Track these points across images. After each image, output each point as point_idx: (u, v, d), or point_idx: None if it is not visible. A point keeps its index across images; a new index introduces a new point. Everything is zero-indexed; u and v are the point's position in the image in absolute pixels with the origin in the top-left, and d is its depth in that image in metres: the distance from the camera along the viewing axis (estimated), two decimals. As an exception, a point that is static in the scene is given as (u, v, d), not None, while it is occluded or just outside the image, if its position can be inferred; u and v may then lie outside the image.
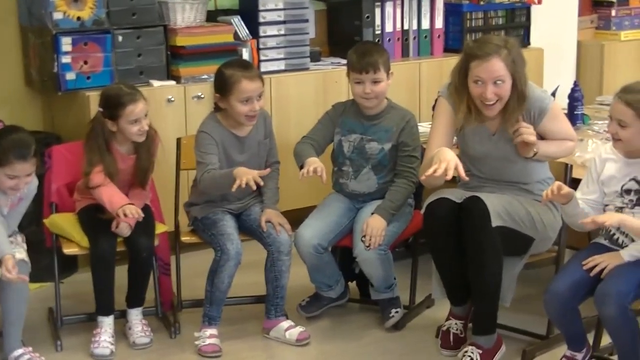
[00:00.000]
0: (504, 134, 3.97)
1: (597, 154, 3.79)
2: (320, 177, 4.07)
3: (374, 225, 4.18)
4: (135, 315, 4.24)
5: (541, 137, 3.99)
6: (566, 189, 3.59)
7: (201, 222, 4.30)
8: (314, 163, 4.12)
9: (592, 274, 3.61)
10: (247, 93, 4.18)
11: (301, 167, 4.20)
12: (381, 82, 4.29)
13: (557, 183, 3.61)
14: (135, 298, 4.26)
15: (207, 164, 4.17)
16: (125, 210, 4.05)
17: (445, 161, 3.70)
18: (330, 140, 4.44)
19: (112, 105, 4.16)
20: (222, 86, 4.23)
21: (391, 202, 4.26)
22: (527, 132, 3.88)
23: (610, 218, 3.49)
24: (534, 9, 6.41)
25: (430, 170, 3.69)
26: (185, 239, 4.43)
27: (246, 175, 3.98)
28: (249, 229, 4.31)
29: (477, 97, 3.89)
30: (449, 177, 3.69)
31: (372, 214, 4.24)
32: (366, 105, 4.33)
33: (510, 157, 3.98)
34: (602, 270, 3.61)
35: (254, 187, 4.01)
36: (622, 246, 3.71)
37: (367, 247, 4.16)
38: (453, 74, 3.99)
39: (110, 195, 4.12)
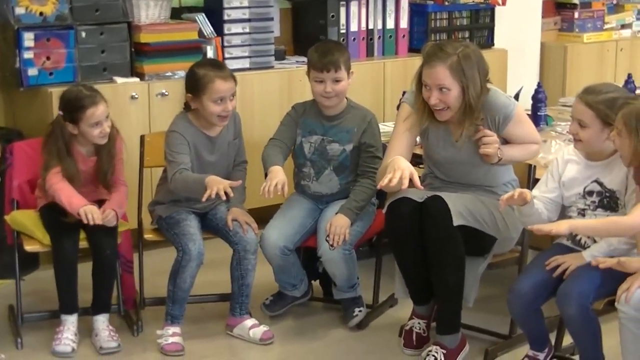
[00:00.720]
0: (466, 140, 3.99)
1: (560, 155, 3.82)
2: (281, 192, 4.05)
3: (338, 224, 4.19)
4: (101, 322, 4.21)
5: (505, 141, 4.02)
6: (526, 193, 3.62)
7: (165, 221, 4.29)
8: (276, 177, 4.08)
9: (554, 274, 3.64)
10: (220, 93, 4.17)
11: (266, 174, 4.20)
12: (342, 81, 4.29)
13: (519, 191, 3.62)
14: (100, 303, 4.22)
15: (179, 163, 4.16)
16: (85, 211, 4.03)
17: (399, 170, 3.69)
18: (294, 141, 4.43)
19: (73, 109, 4.13)
20: (195, 86, 4.21)
21: (355, 201, 4.28)
22: (488, 144, 3.92)
23: (558, 226, 3.49)
24: (498, 10, 6.48)
25: (385, 180, 3.69)
26: (148, 236, 4.43)
27: (217, 185, 3.96)
28: (214, 228, 4.31)
29: (426, 100, 3.92)
30: (404, 186, 3.69)
31: (337, 213, 4.25)
32: (326, 104, 4.33)
33: (474, 162, 4.00)
34: (565, 270, 3.64)
35: (224, 198, 4.00)
36: (584, 247, 3.74)
37: (332, 246, 4.17)
38: (415, 75, 4.02)
39: (69, 197, 4.10)
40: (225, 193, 3.96)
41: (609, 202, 3.68)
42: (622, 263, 3.42)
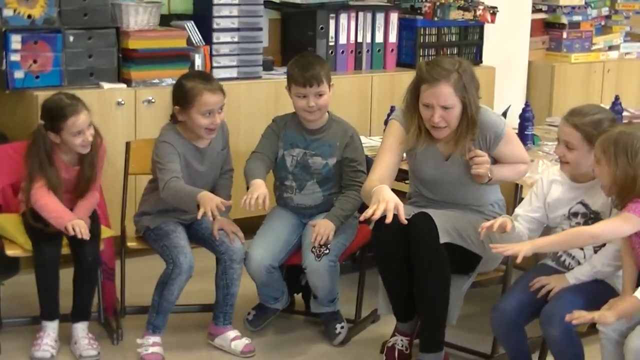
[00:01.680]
0: (456, 159, 4.00)
1: (545, 175, 3.83)
2: (263, 205, 4.04)
3: (323, 225, 4.18)
4: (81, 330, 4.19)
5: (495, 160, 4.04)
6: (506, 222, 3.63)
7: (153, 232, 4.27)
8: (257, 190, 4.07)
9: (538, 295, 3.66)
10: (208, 106, 4.17)
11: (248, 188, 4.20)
12: (324, 94, 4.29)
13: (500, 221, 3.61)
14: (80, 311, 4.20)
15: (171, 171, 4.14)
16: (73, 225, 4.03)
17: (384, 202, 3.64)
18: (277, 154, 4.43)
19: (54, 118, 4.11)
20: (182, 98, 4.20)
21: (341, 209, 4.27)
22: (480, 164, 3.93)
23: (521, 247, 3.50)
24: (487, 27, 6.50)
25: (370, 212, 3.64)
26: (131, 244, 4.41)
27: (210, 204, 3.96)
28: (200, 238, 4.30)
29: (426, 120, 3.91)
30: (389, 220, 3.61)
31: (323, 219, 4.24)
32: (309, 118, 4.33)
33: (462, 181, 4.01)
34: (549, 292, 3.66)
35: (217, 216, 4.01)
36: (568, 268, 3.76)
37: (317, 257, 4.16)
38: (406, 93, 4.01)
39: (55, 211, 4.09)
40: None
41: (594, 223, 3.66)
42: (598, 319, 3.40)
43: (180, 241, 4.17)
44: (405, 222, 3.69)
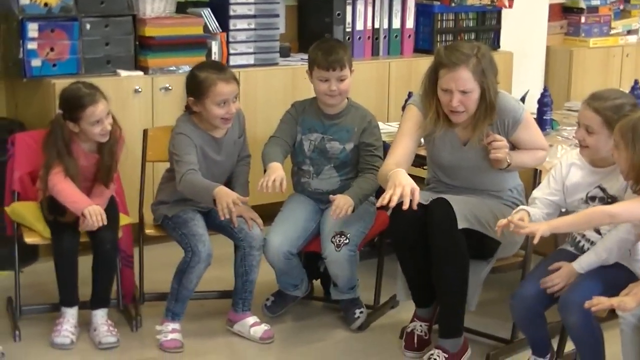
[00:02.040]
0: (474, 144, 3.99)
1: (564, 159, 3.81)
2: (280, 188, 4.04)
3: (343, 199, 4.16)
4: (100, 317, 4.20)
5: (513, 145, 4.03)
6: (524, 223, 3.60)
7: (171, 221, 4.27)
8: (274, 172, 4.07)
9: (549, 291, 3.64)
10: (223, 96, 4.16)
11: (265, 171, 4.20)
12: (346, 79, 4.29)
13: (516, 222, 3.57)
14: (99, 298, 4.21)
15: (188, 163, 4.14)
16: (90, 211, 4.03)
17: (400, 186, 3.61)
18: (295, 139, 4.42)
19: (72, 107, 4.11)
20: (197, 89, 4.19)
21: (360, 188, 4.25)
22: (498, 148, 3.92)
23: (538, 227, 3.48)
24: (505, 12, 6.47)
25: (387, 198, 3.61)
26: (149, 232, 4.42)
27: (226, 200, 3.98)
28: (219, 226, 4.28)
29: (444, 104, 3.90)
30: (406, 206, 3.59)
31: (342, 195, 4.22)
32: (330, 102, 4.32)
33: (481, 166, 4.00)
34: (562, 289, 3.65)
35: (227, 216, 4.02)
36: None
37: (338, 246, 4.15)
38: (424, 78, 4.00)
39: (72, 196, 4.09)
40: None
41: None
42: (617, 306, 3.37)
43: (199, 229, 4.17)
44: (415, 208, 3.64)
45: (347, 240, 4.19)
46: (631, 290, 3.45)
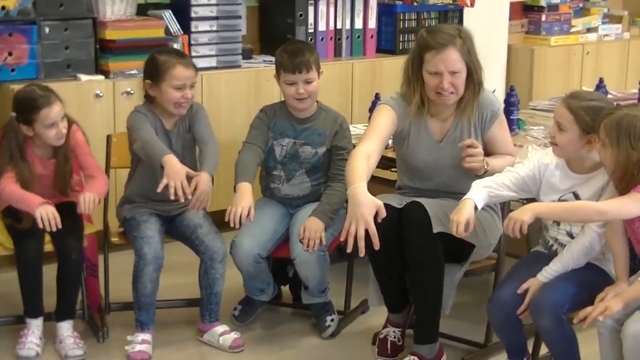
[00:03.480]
0: (450, 140, 3.95)
1: (549, 154, 3.74)
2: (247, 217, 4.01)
3: (312, 228, 4.11)
4: (66, 329, 4.10)
5: (486, 145, 3.99)
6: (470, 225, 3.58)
7: (128, 223, 4.22)
8: (240, 202, 4.01)
9: (520, 312, 3.60)
10: (180, 79, 4.11)
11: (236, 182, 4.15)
12: (313, 81, 4.24)
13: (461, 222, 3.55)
14: (65, 309, 4.11)
15: (147, 130, 4.09)
16: (42, 215, 3.91)
17: (362, 222, 3.45)
18: (267, 144, 4.36)
19: (26, 110, 4.01)
20: (155, 71, 4.14)
21: (328, 204, 4.21)
22: (474, 156, 3.88)
23: (522, 215, 3.42)
24: (467, 11, 6.46)
25: (344, 236, 3.51)
26: (115, 240, 4.34)
27: (175, 178, 3.89)
28: (182, 235, 4.23)
29: (432, 88, 3.86)
30: (376, 247, 3.49)
31: (310, 216, 4.18)
32: (299, 107, 4.27)
33: (458, 165, 3.93)
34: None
35: (182, 199, 3.93)
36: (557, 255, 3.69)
37: (307, 249, 4.10)
38: (405, 66, 3.95)
39: (22, 197, 3.97)
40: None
41: None
42: (605, 314, 3.33)
43: (148, 232, 4.11)
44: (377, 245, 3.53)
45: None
46: (607, 293, 3.44)
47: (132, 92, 5.06)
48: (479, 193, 3.64)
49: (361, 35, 6.10)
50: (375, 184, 4.16)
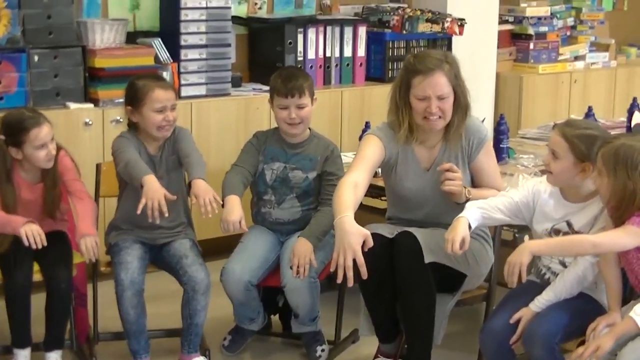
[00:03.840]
0: (437, 168, 3.93)
1: (543, 182, 3.74)
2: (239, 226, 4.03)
3: (301, 251, 4.08)
4: (54, 359, 4.07)
5: (473, 176, 3.99)
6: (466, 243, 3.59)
7: (112, 250, 4.21)
8: (231, 213, 4.04)
9: (512, 342, 3.58)
10: (160, 102, 4.11)
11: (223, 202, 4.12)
12: (306, 107, 4.27)
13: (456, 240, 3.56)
14: (53, 339, 4.07)
15: (131, 152, 4.10)
16: (27, 232, 3.87)
17: (350, 251, 3.43)
18: (257, 168, 4.36)
19: (15, 131, 3.99)
20: (135, 97, 4.16)
21: (317, 225, 4.19)
22: (452, 179, 3.86)
23: (521, 257, 3.43)
24: (455, 39, 6.46)
25: (334, 267, 3.49)
26: (103, 269, 4.31)
27: (152, 197, 3.88)
28: (167, 265, 4.22)
29: (420, 113, 3.86)
30: (364, 276, 3.49)
31: (298, 237, 4.16)
32: (291, 132, 4.28)
33: (445, 194, 3.91)
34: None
35: (157, 221, 3.91)
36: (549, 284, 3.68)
37: (297, 275, 4.08)
38: (392, 92, 3.96)
39: (6, 218, 3.94)
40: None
41: None
42: (598, 352, 3.33)
43: (127, 257, 4.10)
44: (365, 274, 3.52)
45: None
46: (599, 323, 3.44)
47: (121, 120, 5.01)
48: (472, 213, 3.65)
49: (350, 63, 6.11)
50: (366, 213, 4.16)
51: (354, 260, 3.45)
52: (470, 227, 3.61)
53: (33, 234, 3.89)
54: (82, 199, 4.13)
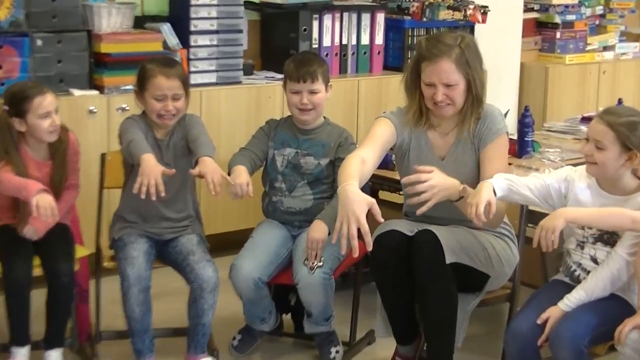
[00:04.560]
0: (454, 157, 3.88)
1: (578, 170, 3.70)
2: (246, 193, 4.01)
3: (317, 231, 4.07)
4: (55, 358, 4.02)
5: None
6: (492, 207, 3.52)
7: (116, 244, 4.17)
8: (239, 176, 4.03)
9: (540, 342, 3.54)
10: (160, 90, 4.09)
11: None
12: (319, 93, 4.26)
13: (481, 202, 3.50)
14: (54, 337, 4.03)
15: (136, 132, 4.08)
16: (39, 203, 3.83)
17: (354, 219, 3.40)
18: (266, 154, 4.36)
19: (18, 101, 4.00)
20: (140, 80, 4.18)
21: (333, 209, 4.04)
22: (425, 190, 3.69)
23: (556, 224, 3.42)
24: (478, 28, 6.41)
25: (336, 236, 3.46)
26: (107, 264, 4.27)
27: (149, 174, 3.81)
28: (174, 261, 4.17)
29: (428, 99, 3.82)
30: (355, 254, 3.48)
31: (315, 220, 4.13)
32: (302, 118, 4.28)
33: (463, 181, 3.78)
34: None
35: (153, 197, 3.83)
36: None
37: (311, 269, 4.03)
38: (405, 73, 3.93)
39: (19, 183, 3.92)
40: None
41: (609, 238, 3.61)
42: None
43: (133, 252, 4.06)
44: (382, 219, 3.54)
45: (321, 263, 4.08)
46: (626, 325, 3.40)
47: (127, 108, 4.98)
48: (499, 181, 3.59)
49: (367, 51, 6.07)
50: (383, 208, 4.06)
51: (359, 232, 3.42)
52: (495, 193, 3.54)
53: (45, 205, 3.85)
54: (73, 189, 4.16)
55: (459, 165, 3.87)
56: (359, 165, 3.64)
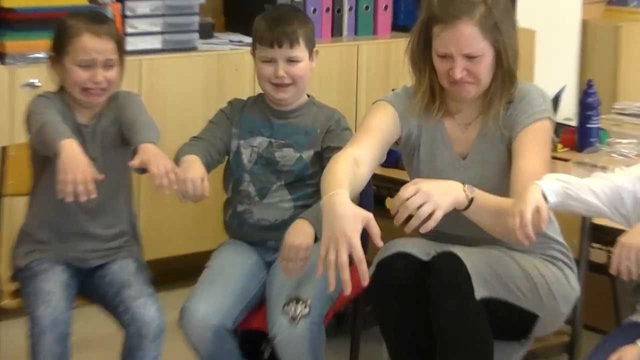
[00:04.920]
0: (479, 155, 3.86)
1: None
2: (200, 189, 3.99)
3: (297, 236, 4.00)
4: None
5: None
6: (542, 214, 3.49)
7: (22, 275, 4.16)
8: (190, 169, 4.03)
9: None
10: (87, 53, 4.10)
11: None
12: (300, 62, 4.29)
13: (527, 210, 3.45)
14: None
15: (47, 113, 4.08)
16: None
17: (344, 241, 3.36)
18: (228, 145, 4.36)
19: None
20: (58, 41, 4.19)
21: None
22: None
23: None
24: (523, -25, 6.49)
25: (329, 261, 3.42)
26: (7, 302, 4.26)
27: (73, 169, 3.78)
28: (102, 298, 4.17)
29: (443, 75, 3.80)
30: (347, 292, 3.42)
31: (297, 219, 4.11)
32: (277, 96, 4.30)
33: (491, 188, 3.74)
34: None
35: (83, 197, 3.80)
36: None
37: (293, 318, 3.99)
38: (410, 41, 3.91)
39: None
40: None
41: None
42: None
43: (46, 286, 4.04)
44: (381, 242, 3.47)
45: (307, 310, 4.04)
46: None
47: (38, 83, 5.05)
48: (551, 183, 3.55)
49: (371, 6, 6.18)
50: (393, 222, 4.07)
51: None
52: (546, 200, 3.51)
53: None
54: None
55: (486, 167, 3.86)
56: (350, 167, 3.64)
